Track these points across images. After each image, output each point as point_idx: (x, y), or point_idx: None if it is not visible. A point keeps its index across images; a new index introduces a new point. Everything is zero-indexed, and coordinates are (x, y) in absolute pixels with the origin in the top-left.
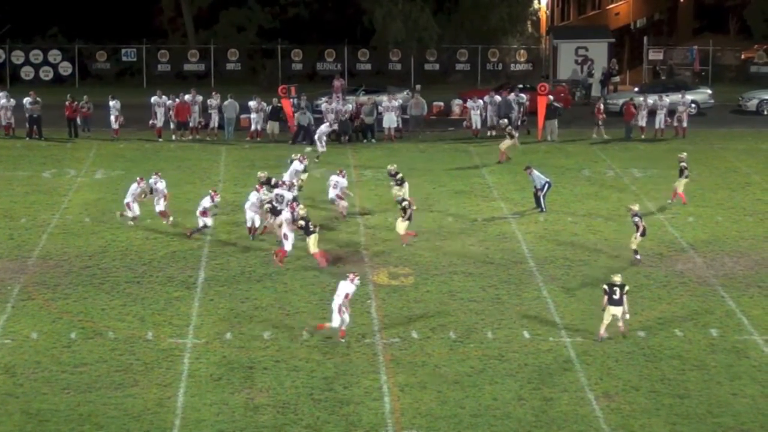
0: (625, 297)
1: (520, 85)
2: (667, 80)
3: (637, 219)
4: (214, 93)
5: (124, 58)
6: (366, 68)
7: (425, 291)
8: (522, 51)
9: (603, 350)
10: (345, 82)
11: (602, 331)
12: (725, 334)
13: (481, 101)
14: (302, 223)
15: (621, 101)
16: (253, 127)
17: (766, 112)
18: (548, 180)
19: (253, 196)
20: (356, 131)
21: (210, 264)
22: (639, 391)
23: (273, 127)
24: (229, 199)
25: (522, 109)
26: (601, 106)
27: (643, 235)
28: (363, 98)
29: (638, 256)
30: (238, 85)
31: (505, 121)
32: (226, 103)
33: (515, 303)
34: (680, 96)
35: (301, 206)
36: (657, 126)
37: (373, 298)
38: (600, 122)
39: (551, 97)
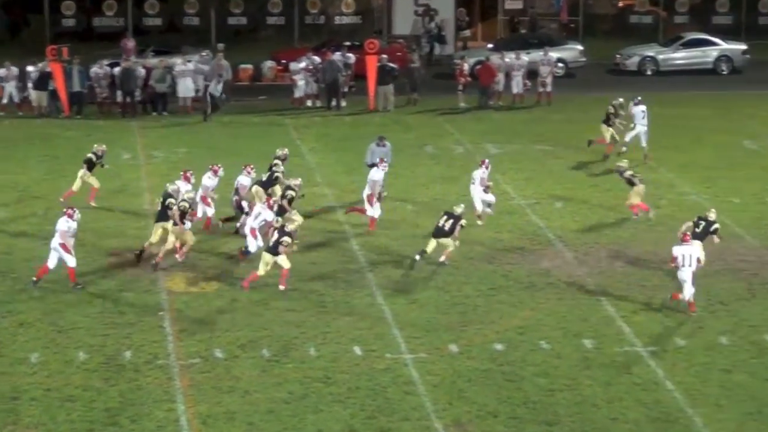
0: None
1: (347, 43)
2: (527, 34)
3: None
4: None
5: None
6: (156, 24)
7: (232, 299)
8: (349, 1)
9: (452, 368)
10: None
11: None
12: (602, 345)
13: (302, 63)
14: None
15: (473, 60)
16: (5, 99)
17: (649, 72)
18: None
19: (64, 224)
20: (144, 102)
21: None
22: (497, 418)
23: (40, 98)
24: None
25: (349, 73)
26: (465, 67)
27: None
28: (153, 61)
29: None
30: None
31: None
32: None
33: (344, 312)
34: (543, 53)
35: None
36: (514, 90)
37: (166, 309)
38: (462, 86)
39: (384, 56)
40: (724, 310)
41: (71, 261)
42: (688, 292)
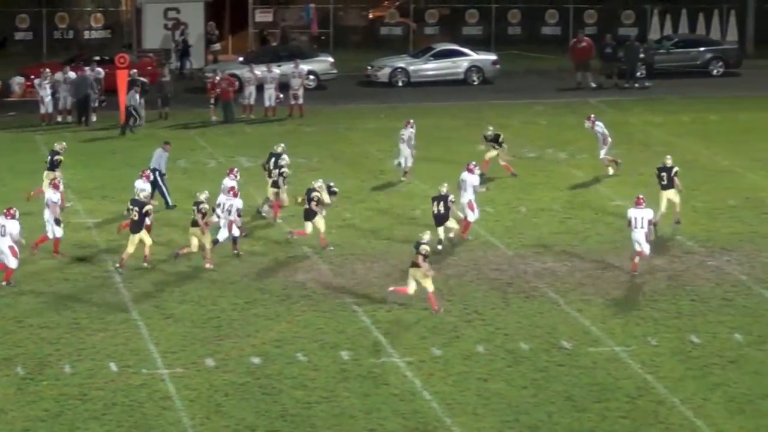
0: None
1: (97, 57)
2: (278, 47)
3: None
4: None
5: None
6: None
7: None
8: (98, 15)
9: (209, 382)
10: None
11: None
12: (359, 356)
13: (47, 78)
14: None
15: (223, 74)
16: None
17: (400, 83)
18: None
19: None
20: None
21: None
22: (255, 431)
23: None
24: None
25: (100, 87)
26: (217, 80)
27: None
28: None
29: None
30: None
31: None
32: None
33: (98, 328)
34: (294, 66)
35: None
36: (266, 103)
37: None
38: (213, 100)
39: (135, 71)
40: (479, 319)
41: (14, 263)
42: (646, 249)
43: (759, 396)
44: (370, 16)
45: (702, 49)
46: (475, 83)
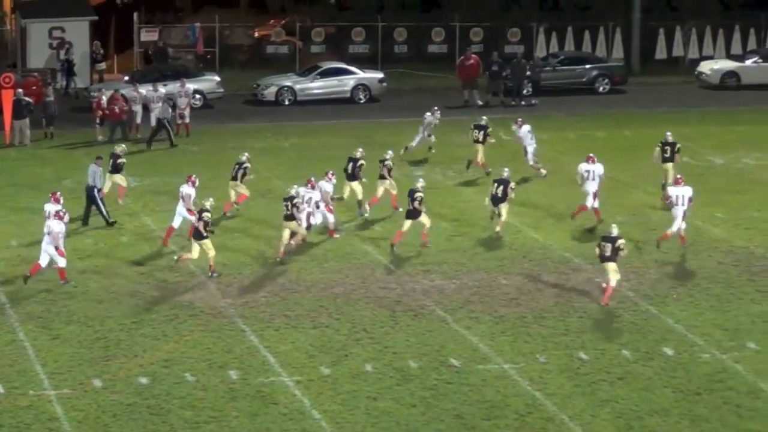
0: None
1: None
2: (161, 66)
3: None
4: None
5: None
6: None
7: None
8: None
9: (97, 403)
10: None
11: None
12: (247, 376)
13: None
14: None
15: (110, 93)
16: None
17: (287, 102)
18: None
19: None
20: None
21: None
22: None
23: None
24: None
25: None
26: (103, 100)
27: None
28: None
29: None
30: None
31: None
32: None
33: None
34: (180, 85)
35: None
36: (153, 123)
37: None
38: (99, 120)
39: (20, 90)
40: (368, 337)
41: (62, 262)
42: (677, 225)
43: (647, 412)
44: (256, 34)
45: (588, 66)
46: (362, 101)
